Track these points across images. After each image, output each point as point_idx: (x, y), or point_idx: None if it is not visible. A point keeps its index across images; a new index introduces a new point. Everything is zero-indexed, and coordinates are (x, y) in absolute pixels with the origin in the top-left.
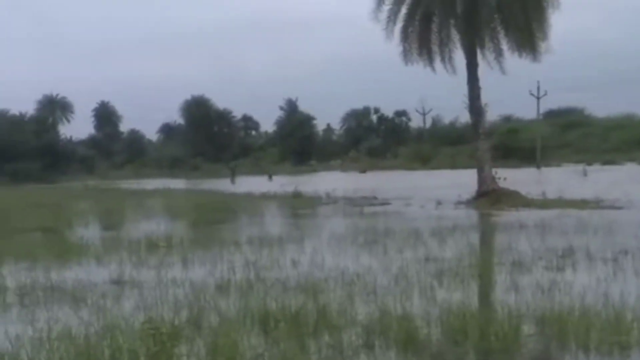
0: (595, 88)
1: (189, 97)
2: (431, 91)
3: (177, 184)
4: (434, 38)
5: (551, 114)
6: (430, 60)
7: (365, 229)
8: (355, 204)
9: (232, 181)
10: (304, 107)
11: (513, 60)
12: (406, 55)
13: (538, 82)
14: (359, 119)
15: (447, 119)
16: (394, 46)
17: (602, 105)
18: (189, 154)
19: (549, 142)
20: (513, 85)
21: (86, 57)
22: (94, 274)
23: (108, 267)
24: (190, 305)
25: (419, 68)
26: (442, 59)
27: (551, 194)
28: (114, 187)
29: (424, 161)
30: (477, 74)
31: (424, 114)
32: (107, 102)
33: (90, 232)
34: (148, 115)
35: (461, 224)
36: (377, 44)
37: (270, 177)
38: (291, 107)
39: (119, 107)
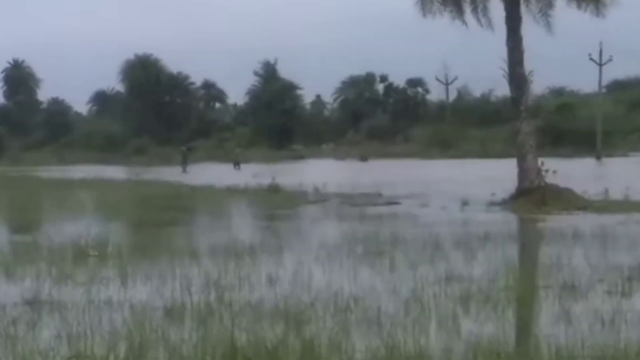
0: None
1: (131, 56)
2: (457, 54)
3: (115, 172)
4: None
5: (617, 86)
6: (459, 11)
7: (366, 236)
8: (354, 202)
9: (184, 169)
10: (285, 72)
11: (569, 13)
12: (425, 4)
13: (600, 43)
14: (359, 89)
15: (477, 91)
16: None
17: None
18: (130, 132)
19: (613, 123)
20: (567, 48)
21: None
22: (1, 292)
23: (21, 284)
24: (131, 336)
25: (442, 22)
26: (474, 10)
27: (616, 194)
28: (29, 175)
29: (446, 147)
30: (519, 31)
31: (446, 84)
32: (22, 62)
33: None
34: (76, 80)
35: (495, 231)
36: None
37: (237, 164)
38: (269, 72)
39: (38, 68)
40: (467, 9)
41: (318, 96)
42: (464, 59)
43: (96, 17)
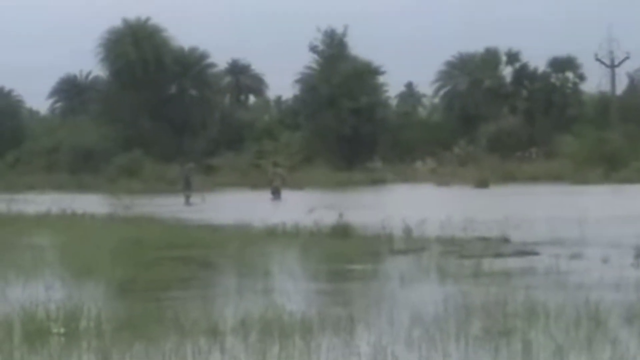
0: None
1: (118, 22)
2: (630, 19)
3: (92, 203)
4: None
5: None
6: None
7: (484, 306)
8: (465, 252)
9: (187, 199)
10: (359, 47)
11: None
12: None
13: None
14: (474, 75)
15: None
16: None
17: None
18: (115, 142)
19: None
20: None
21: None
22: None
23: None
24: None
25: None
26: None
27: None
28: None
29: (612, 165)
30: None
31: (612, 66)
32: None
33: None
34: (31, 59)
35: None
36: None
37: (275, 191)
38: (333, 48)
39: None
40: None
41: (409, 85)
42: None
43: None
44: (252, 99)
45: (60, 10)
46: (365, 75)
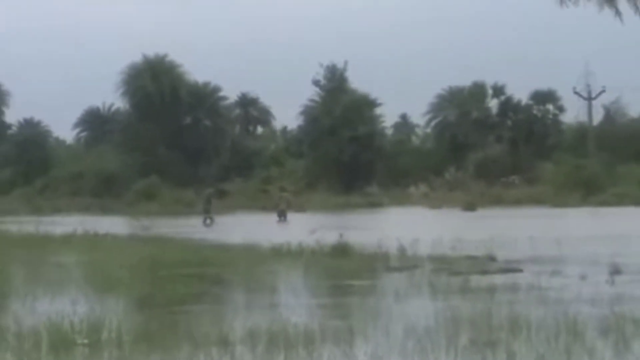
0: None
1: (138, 58)
2: (604, 57)
3: (113, 225)
4: None
5: None
6: None
7: (472, 319)
8: (455, 270)
9: (206, 221)
10: (358, 81)
11: None
12: None
13: None
14: (463, 106)
15: (634, 110)
16: None
17: None
18: (135, 169)
19: None
20: None
21: None
22: None
23: None
24: None
25: (584, 13)
26: None
27: None
28: None
29: (589, 189)
30: None
31: (589, 99)
32: None
33: None
34: (58, 93)
35: None
36: None
37: (281, 213)
38: (334, 82)
39: (7, 80)
40: None
41: (404, 116)
42: (614, 64)
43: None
44: (259, 129)
45: (84, 42)
46: (363, 107)
